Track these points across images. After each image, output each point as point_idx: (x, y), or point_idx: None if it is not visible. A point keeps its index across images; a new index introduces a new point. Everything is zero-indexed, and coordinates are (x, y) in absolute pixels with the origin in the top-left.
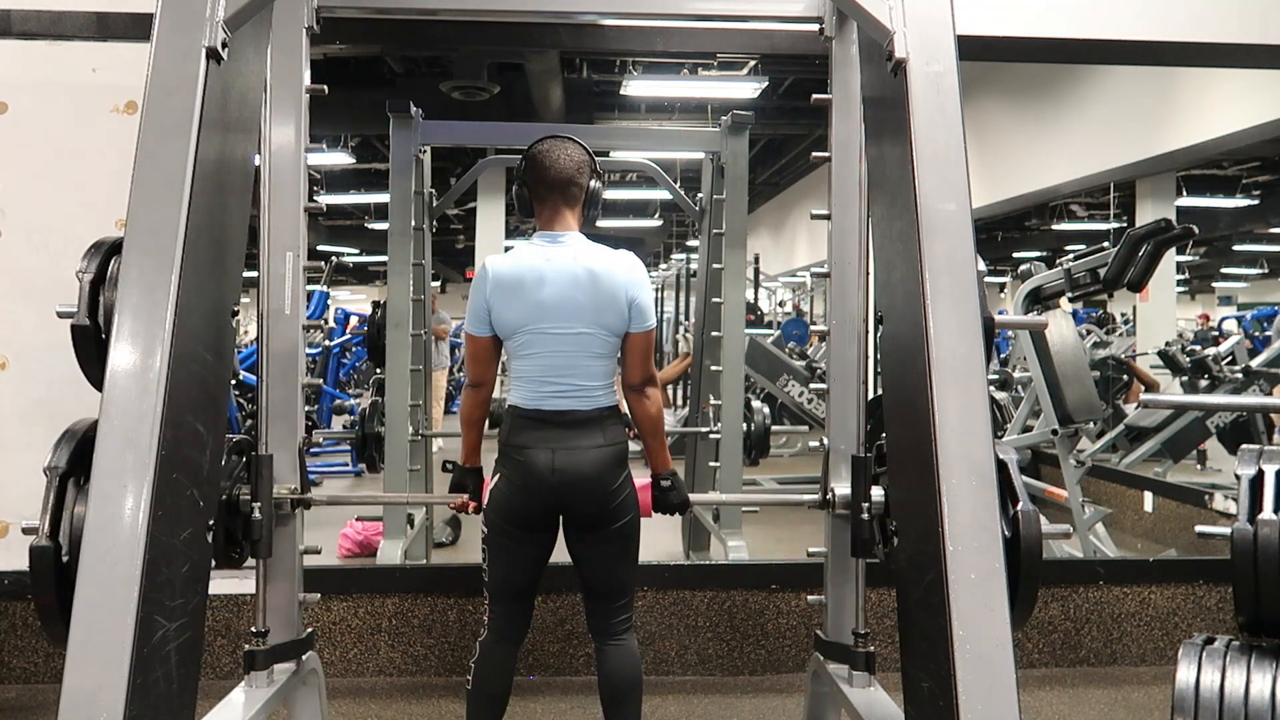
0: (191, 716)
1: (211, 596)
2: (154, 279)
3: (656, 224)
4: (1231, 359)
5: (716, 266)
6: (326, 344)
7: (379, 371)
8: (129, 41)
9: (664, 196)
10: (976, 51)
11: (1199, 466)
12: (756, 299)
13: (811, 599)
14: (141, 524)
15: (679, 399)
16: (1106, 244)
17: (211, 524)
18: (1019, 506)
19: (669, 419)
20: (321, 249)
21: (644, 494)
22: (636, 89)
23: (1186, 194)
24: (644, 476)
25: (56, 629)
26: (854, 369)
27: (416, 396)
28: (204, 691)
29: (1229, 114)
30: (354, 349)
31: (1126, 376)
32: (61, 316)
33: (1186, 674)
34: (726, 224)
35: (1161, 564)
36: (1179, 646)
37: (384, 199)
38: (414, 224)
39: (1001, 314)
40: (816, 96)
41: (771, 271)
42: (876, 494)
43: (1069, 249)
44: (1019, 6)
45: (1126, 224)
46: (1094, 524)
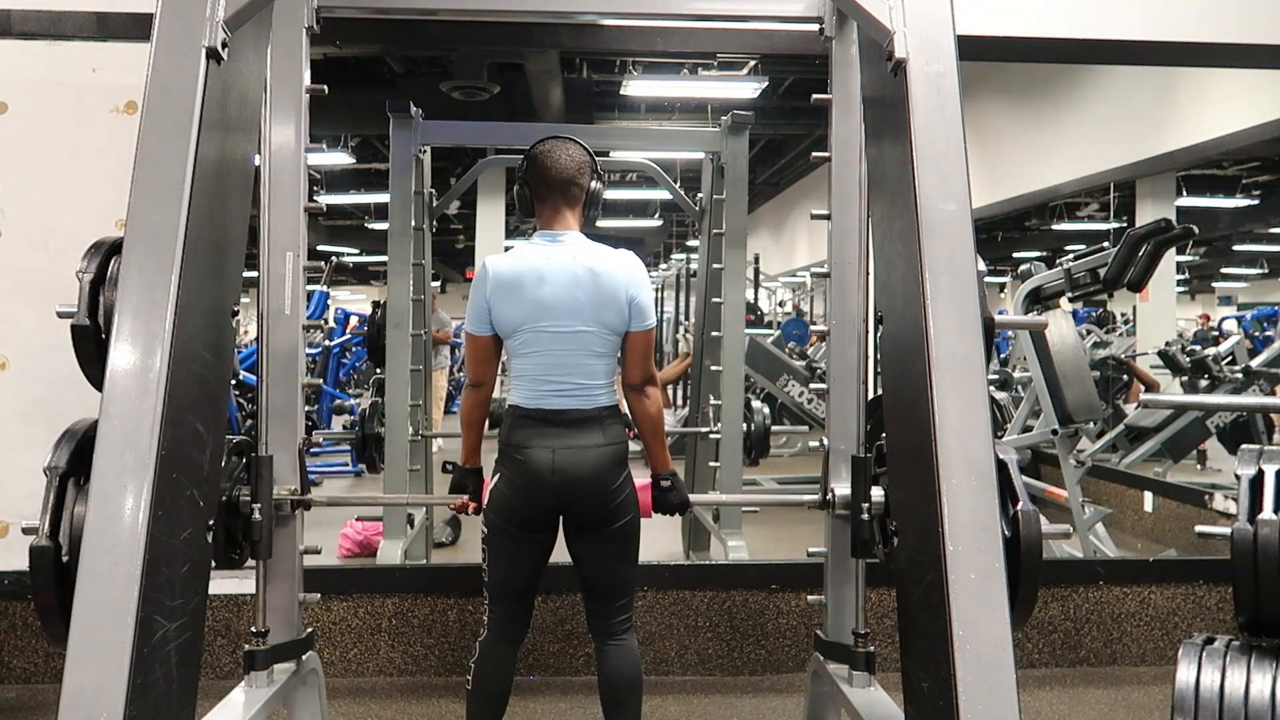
0: (191, 716)
1: (211, 596)
2: (154, 279)
3: (656, 224)
4: (1231, 359)
5: (716, 266)
6: (327, 344)
7: (379, 372)
8: (129, 41)
9: (664, 196)
10: (976, 51)
11: (1199, 466)
12: (756, 299)
13: (811, 599)
14: (141, 524)
15: (679, 399)
16: (1107, 244)
17: (211, 524)
18: (1019, 506)
19: (669, 419)
20: (321, 249)
21: (644, 494)
22: (636, 89)
23: (1186, 194)
24: (644, 477)
25: (56, 629)
26: (854, 369)
27: (416, 397)
28: (204, 691)
29: (1229, 114)
30: (354, 349)
31: (1126, 376)
32: (61, 316)
33: (1186, 674)
34: (726, 224)
35: (1161, 564)
36: (1179, 647)
37: (384, 199)
38: (414, 224)
39: (1001, 314)
40: (816, 96)
41: (771, 271)
42: (876, 494)
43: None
44: (1019, 6)
45: (1127, 224)
46: (1094, 524)
